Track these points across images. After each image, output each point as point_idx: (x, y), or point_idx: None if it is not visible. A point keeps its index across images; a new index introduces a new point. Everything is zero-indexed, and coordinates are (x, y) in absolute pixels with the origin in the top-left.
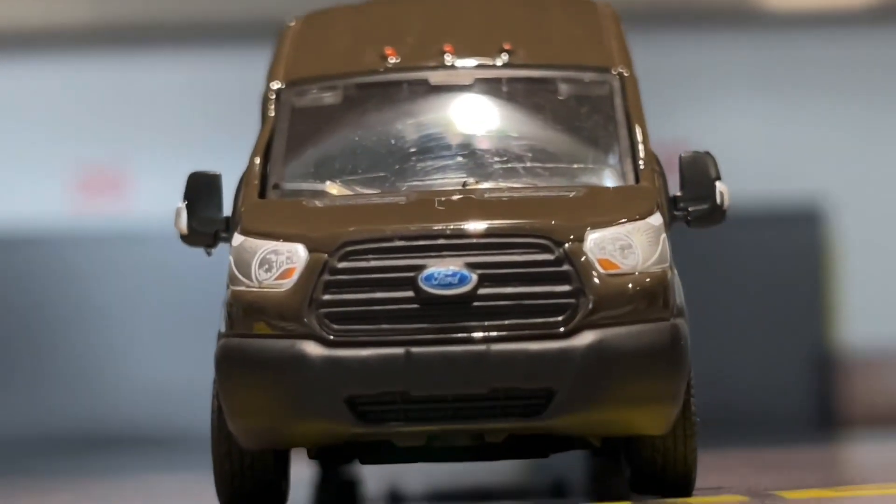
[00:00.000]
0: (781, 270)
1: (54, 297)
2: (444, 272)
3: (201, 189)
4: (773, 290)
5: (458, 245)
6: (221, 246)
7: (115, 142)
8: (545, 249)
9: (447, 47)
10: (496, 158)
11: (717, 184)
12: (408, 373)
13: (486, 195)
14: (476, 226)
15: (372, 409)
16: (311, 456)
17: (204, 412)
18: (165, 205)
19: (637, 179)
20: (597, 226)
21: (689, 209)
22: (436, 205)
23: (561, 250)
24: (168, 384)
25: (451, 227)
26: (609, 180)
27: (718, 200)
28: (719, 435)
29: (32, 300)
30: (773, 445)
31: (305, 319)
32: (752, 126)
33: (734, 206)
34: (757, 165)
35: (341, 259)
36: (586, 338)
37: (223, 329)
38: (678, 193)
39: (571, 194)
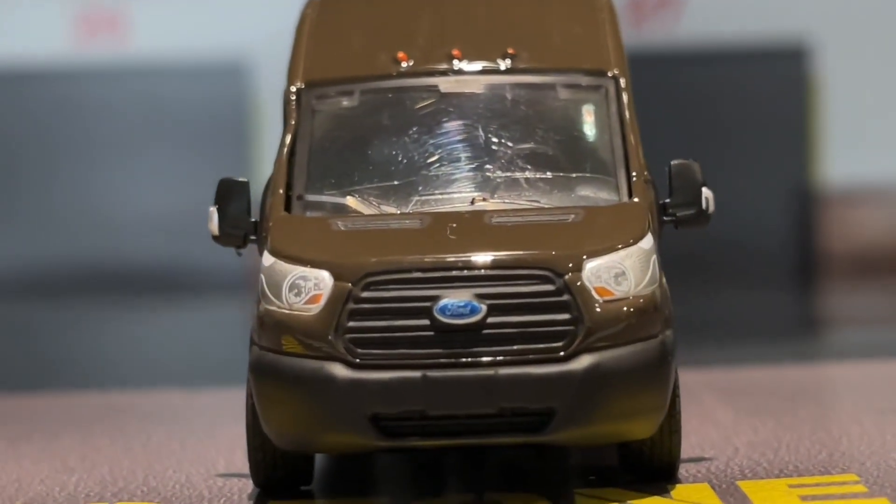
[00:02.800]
0: (765, 107)
1: (53, 132)
2: (457, 303)
3: (231, 194)
4: (758, 126)
5: (469, 277)
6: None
7: None
8: (547, 281)
9: (455, 52)
10: (499, 172)
11: (704, 189)
12: (425, 394)
13: (493, 220)
14: (484, 258)
15: (393, 426)
16: None
17: (204, 247)
18: (163, 41)
19: (630, 192)
20: (593, 255)
21: (678, 214)
22: (448, 233)
23: (561, 281)
24: (168, 218)
25: (463, 259)
26: (604, 192)
27: (704, 206)
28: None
29: (31, 135)
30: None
31: (332, 342)
32: None
33: (721, 42)
34: (743, 2)
35: (364, 289)
36: (584, 361)
37: (256, 338)
38: (667, 200)
39: (570, 218)
